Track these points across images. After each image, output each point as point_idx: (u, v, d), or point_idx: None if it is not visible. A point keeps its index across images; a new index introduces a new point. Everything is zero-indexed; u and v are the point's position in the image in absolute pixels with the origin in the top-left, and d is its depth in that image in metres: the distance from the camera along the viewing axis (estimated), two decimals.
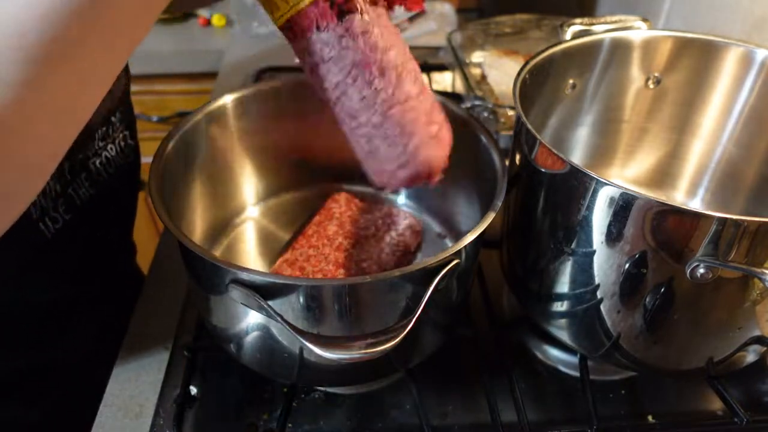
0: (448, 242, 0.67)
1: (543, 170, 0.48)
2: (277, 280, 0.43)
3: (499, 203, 0.48)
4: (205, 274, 0.47)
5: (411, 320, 0.42)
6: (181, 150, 0.55)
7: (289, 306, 0.43)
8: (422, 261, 0.46)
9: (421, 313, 0.42)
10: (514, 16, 1.05)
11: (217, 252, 0.64)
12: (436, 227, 0.68)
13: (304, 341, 0.41)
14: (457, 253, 0.44)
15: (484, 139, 0.56)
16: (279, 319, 0.41)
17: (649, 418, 0.55)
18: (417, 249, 0.65)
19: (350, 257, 0.60)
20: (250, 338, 0.49)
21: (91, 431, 0.54)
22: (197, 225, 0.61)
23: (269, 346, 0.48)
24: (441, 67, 1.10)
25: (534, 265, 0.54)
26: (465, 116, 0.59)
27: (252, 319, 0.47)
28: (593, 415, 0.53)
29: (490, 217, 0.46)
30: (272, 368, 0.52)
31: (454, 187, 0.62)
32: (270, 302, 0.42)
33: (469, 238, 0.45)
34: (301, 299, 0.43)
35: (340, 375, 0.53)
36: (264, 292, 0.42)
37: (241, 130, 0.62)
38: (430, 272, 0.43)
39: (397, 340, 0.41)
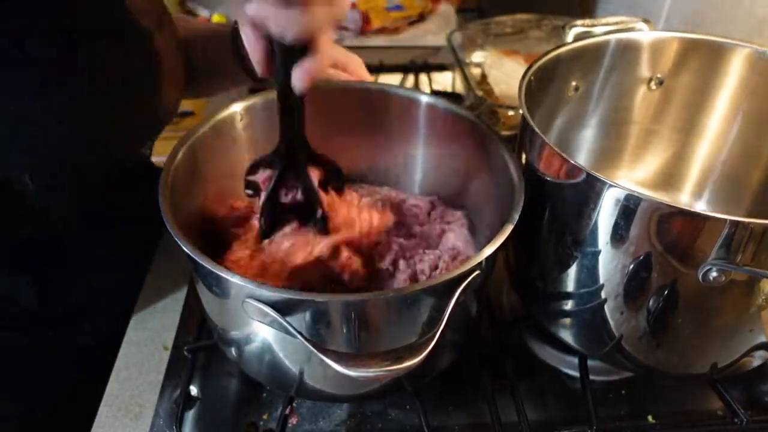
0: None
1: (549, 172, 0.48)
2: (295, 296, 0.41)
3: (516, 215, 0.46)
4: (218, 289, 0.45)
5: (435, 334, 0.41)
6: (190, 161, 0.53)
7: (304, 321, 0.42)
8: (444, 273, 0.45)
9: (444, 326, 0.41)
10: (514, 16, 1.06)
11: None
12: None
13: (325, 358, 0.39)
14: (478, 265, 0.43)
15: (500, 149, 0.53)
16: (299, 336, 0.40)
17: (649, 418, 0.55)
18: None
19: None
20: (255, 347, 0.48)
21: (91, 431, 0.54)
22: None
23: (274, 358, 0.47)
24: (441, 67, 1.10)
25: (539, 265, 0.54)
26: (484, 129, 0.56)
27: (260, 331, 0.45)
28: (593, 415, 0.53)
29: (509, 228, 0.45)
30: (273, 380, 0.51)
31: (468, 195, 0.62)
32: (287, 318, 0.41)
33: (490, 249, 0.43)
34: (317, 315, 0.42)
35: (342, 391, 0.51)
36: (280, 308, 0.41)
37: (249, 139, 0.60)
38: (452, 284, 0.42)
39: (422, 356, 0.40)
